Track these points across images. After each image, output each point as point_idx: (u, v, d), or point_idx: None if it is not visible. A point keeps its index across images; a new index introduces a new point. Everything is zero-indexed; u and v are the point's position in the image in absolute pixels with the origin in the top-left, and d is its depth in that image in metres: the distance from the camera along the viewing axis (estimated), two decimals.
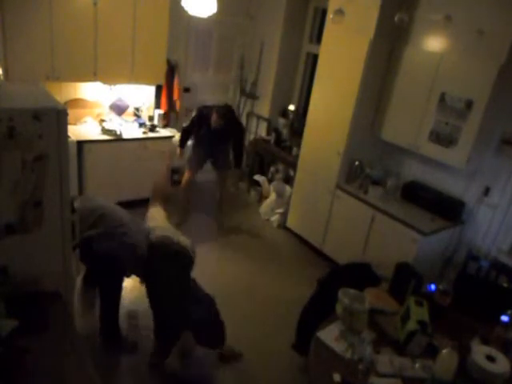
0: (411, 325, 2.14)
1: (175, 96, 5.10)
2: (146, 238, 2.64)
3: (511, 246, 3.45)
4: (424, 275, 2.57)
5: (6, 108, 1.82)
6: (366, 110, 3.96)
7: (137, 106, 4.96)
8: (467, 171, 3.59)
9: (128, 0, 4.16)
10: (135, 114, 4.95)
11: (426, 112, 3.62)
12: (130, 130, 4.57)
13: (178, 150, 4.43)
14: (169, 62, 4.87)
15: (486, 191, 3.56)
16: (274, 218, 4.98)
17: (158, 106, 5.11)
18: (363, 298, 2.31)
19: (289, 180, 5.15)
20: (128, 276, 2.78)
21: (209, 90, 5.68)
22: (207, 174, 5.97)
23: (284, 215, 4.86)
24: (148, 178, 4.27)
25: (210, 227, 4.65)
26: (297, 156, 4.67)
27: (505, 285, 2.98)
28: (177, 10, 4.36)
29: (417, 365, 2.05)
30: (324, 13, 4.71)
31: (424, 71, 3.60)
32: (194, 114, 4.31)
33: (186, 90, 5.40)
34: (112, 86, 4.65)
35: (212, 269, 3.91)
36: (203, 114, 4.18)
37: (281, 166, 5.39)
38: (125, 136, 4.41)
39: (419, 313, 2.20)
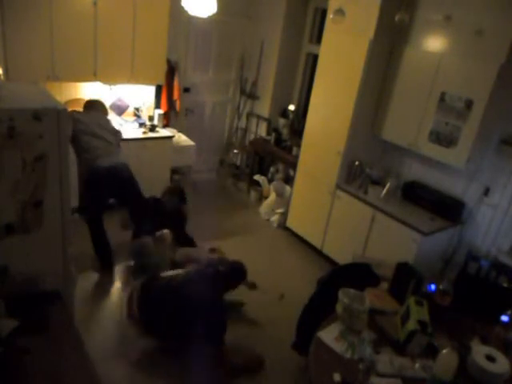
0: (411, 325, 2.14)
1: (175, 96, 5.10)
2: None
3: (511, 246, 3.45)
4: (424, 275, 2.57)
5: (6, 108, 1.82)
6: (365, 109, 3.96)
7: (137, 106, 4.96)
8: (467, 171, 3.59)
9: (128, 0, 4.16)
10: (135, 114, 4.95)
11: (425, 112, 3.62)
12: (130, 130, 4.57)
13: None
14: (169, 62, 4.87)
15: (486, 191, 3.56)
16: (274, 218, 4.98)
17: (158, 105, 5.11)
18: (363, 297, 2.31)
19: (289, 180, 5.15)
20: None
21: (209, 89, 5.68)
22: (206, 173, 5.99)
23: (284, 215, 4.86)
24: (148, 178, 4.27)
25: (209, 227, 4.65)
26: (297, 156, 4.67)
27: (505, 285, 2.97)
28: (177, 10, 4.36)
29: (417, 365, 2.05)
30: (324, 13, 4.70)
31: (424, 71, 3.60)
32: None
33: (186, 90, 5.40)
34: (112, 86, 4.65)
35: None
36: None
37: (281, 166, 5.39)
38: (125, 136, 4.40)
39: (419, 313, 2.20)
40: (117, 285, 3.56)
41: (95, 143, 3.49)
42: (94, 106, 3.87)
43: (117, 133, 3.82)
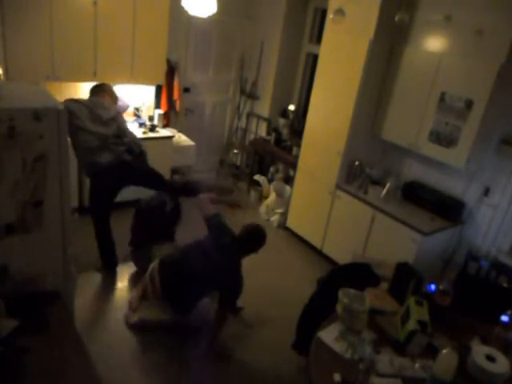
0: (411, 325, 2.14)
1: (175, 96, 5.10)
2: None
3: (511, 246, 3.45)
4: (424, 275, 2.57)
5: (6, 108, 1.82)
6: (366, 109, 3.96)
7: (137, 105, 4.96)
8: (467, 171, 3.59)
9: (128, 0, 4.16)
10: (135, 114, 4.95)
11: (426, 112, 3.62)
12: (130, 130, 4.55)
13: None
14: (169, 62, 4.87)
15: (486, 191, 3.56)
16: (274, 218, 4.98)
17: (158, 105, 5.11)
18: (363, 297, 2.31)
19: (289, 180, 5.15)
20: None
21: (209, 89, 5.68)
22: (202, 173, 5.98)
23: (284, 215, 4.86)
24: None
25: None
26: (297, 156, 4.67)
27: (505, 285, 2.97)
28: (177, 10, 4.36)
29: (417, 365, 2.05)
30: (324, 13, 4.71)
31: (424, 71, 3.60)
32: None
33: (186, 90, 5.40)
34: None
35: None
36: None
37: (281, 166, 5.39)
38: None
39: (419, 313, 2.20)
40: (119, 285, 3.56)
41: (92, 140, 3.34)
42: (98, 91, 3.67)
43: (114, 119, 3.56)
